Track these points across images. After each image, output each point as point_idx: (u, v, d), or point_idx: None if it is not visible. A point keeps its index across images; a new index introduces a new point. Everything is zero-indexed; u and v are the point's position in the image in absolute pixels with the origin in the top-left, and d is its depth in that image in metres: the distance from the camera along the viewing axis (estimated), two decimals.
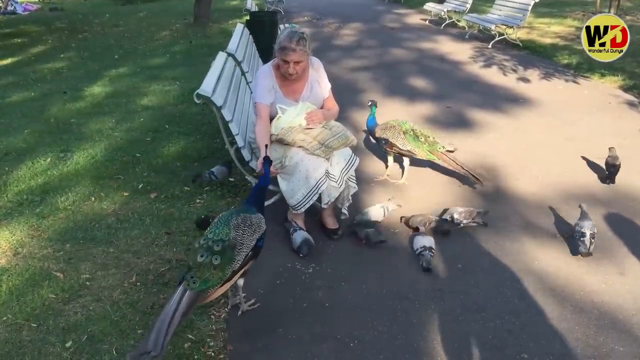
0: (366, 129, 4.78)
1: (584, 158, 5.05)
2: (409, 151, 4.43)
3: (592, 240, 3.44)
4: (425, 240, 3.58)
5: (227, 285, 2.67)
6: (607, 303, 3.08)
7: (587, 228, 3.47)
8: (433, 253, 3.52)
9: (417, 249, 3.55)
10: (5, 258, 3.55)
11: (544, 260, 3.50)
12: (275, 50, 3.61)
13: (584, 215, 3.57)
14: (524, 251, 3.61)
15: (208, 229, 2.75)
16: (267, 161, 3.17)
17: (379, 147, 4.73)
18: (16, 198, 4.35)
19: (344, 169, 3.67)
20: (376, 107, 4.68)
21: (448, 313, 3.03)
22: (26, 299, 3.13)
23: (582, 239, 3.45)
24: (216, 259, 2.55)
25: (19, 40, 12.99)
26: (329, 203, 3.68)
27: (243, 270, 2.72)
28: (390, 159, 4.73)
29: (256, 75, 3.85)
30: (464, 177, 4.45)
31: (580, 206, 3.65)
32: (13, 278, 3.32)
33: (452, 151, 4.58)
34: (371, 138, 4.84)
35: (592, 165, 4.88)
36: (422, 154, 4.41)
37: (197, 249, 2.62)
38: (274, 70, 3.75)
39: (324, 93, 3.90)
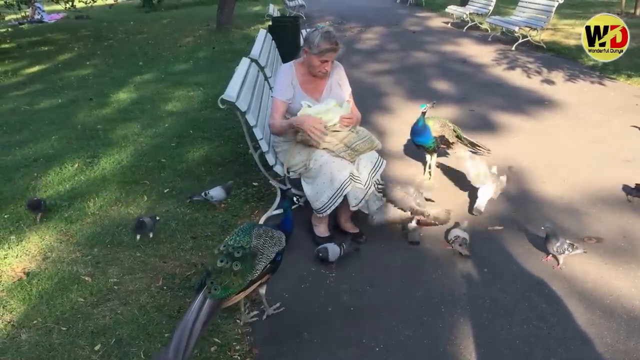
0: (419, 137, 4.48)
1: (611, 160, 4.97)
2: (453, 144, 4.54)
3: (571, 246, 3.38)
4: (459, 232, 3.63)
5: (244, 294, 2.67)
6: (637, 307, 3.03)
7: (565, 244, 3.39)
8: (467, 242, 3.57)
9: (451, 239, 3.60)
10: (35, 262, 3.62)
11: (571, 265, 3.44)
12: (311, 52, 3.58)
13: (553, 235, 3.42)
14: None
15: (228, 237, 2.75)
16: (288, 199, 3.12)
17: (415, 151, 4.69)
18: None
19: (372, 172, 3.67)
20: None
21: (475, 318, 3.00)
22: (56, 302, 3.19)
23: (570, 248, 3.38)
24: (236, 265, 2.54)
25: (46, 48, 13.25)
26: (358, 205, 3.65)
27: (259, 282, 2.73)
28: (431, 159, 4.71)
29: (277, 72, 3.86)
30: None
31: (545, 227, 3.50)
32: (43, 282, 3.38)
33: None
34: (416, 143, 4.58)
35: (620, 168, 4.80)
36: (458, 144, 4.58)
37: (216, 254, 2.62)
38: (297, 68, 3.77)
39: (345, 96, 3.90)
